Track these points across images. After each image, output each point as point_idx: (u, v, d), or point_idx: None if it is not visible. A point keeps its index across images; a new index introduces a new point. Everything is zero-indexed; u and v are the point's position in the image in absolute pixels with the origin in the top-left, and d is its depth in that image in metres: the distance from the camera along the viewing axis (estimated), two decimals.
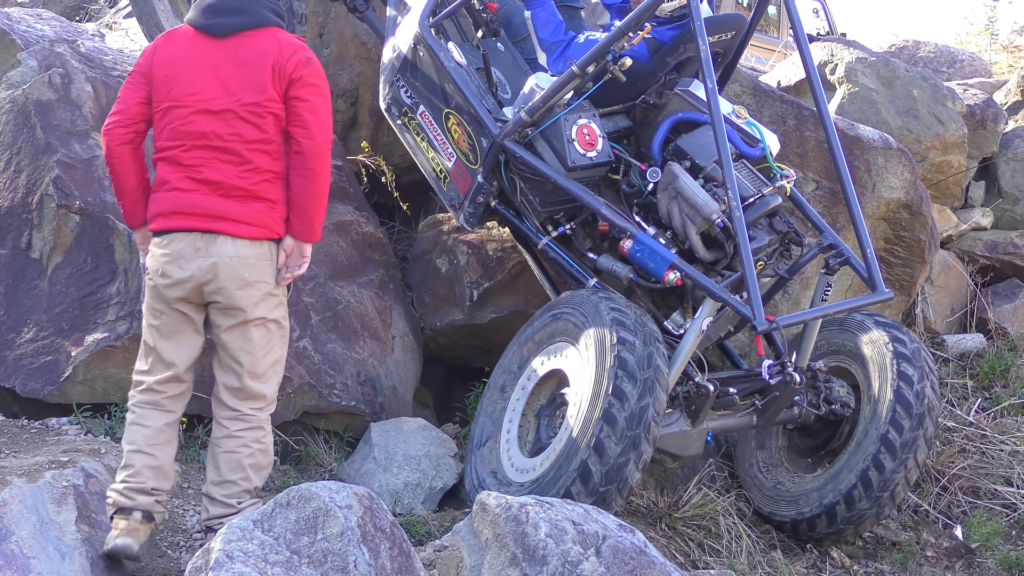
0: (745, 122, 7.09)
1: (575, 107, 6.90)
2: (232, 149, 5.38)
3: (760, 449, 7.56)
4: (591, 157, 6.89)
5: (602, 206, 6.76)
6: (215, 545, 4.56)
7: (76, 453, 5.77)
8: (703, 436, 6.66)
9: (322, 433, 7.39)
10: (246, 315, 5.44)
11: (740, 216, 6.30)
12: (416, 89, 7.46)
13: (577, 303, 6.50)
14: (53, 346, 6.66)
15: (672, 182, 6.72)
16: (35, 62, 7.33)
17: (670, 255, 6.56)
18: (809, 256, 6.94)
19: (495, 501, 5.18)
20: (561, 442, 6.20)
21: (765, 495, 7.37)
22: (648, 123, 7.31)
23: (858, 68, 9.96)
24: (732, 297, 6.40)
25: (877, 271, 6.80)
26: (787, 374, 6.76)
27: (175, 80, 5.42)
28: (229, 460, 5.50)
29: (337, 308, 7.51)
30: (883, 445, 6.86)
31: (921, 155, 9.68)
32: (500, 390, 6.78)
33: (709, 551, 6.84)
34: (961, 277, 10.05)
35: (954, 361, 9.36)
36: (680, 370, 6.45)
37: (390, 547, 4.84)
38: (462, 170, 7.26)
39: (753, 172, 6.88)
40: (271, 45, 5.46)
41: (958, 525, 7.67)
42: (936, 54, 13.56)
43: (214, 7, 5.48)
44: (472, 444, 6.73)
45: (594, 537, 5.11)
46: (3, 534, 5.00)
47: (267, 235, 5.44)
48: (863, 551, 7.20)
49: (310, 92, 5.47)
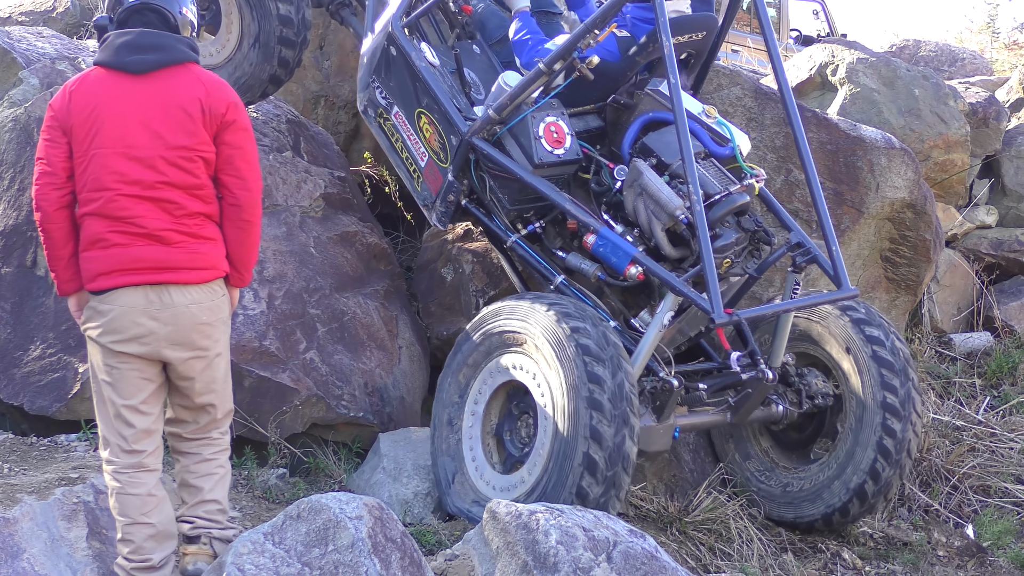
0: (715, 121, 7.10)
1: (543, 105, 6.92)
2: (163, 196, 5.05)
3: (747, 460, 7.57)
4: (558, 155, 6.91)
5: (567, 202, 6.80)
6: (227, 558, 4.57)
7: (85, 469, 5.77)
8: (670, 432, 6.65)
9: (331, 444, 7.39)
10: (210, 353, 5.23)
11: (700, 210, 6.27)
12: (390, 89, 7.48)
13: (510, 312, 6.53)
14: (60, 363, 6.66)
15: (637, 179, 6.73)
16: (37, 80, 7.35)
17: (632, 249, 6.59)
18: (778, 255, 6.90)
19: (505, 509, 5.18)
20: (545, 445, 6.21)
21: (781, 502, 7.35)
22: (620, 123, 7.32)
23: (859, 69, 9.97)
24: (691, 290, 6.39)
25: (843, 268, 6.78)
26: (760, 370, 6.82)
27: (96, 127, 5.04)
28: (209, 480, 5.34)
29: (343, 319, 7.51)
30: (887, 412, 6.93)
31: (924, 154, 9.68)
32: (448, 425, 6.77)
33: (720, 555, 6.83)
34: (967, 276, 10.05)
35: (962, 360, 9.35)
36: (643, 365, 6.48)
37: (401, 557, 4.83)
38: (434, 169, 7.29)
39: (721, 170, 6.89)
40: (195, 85, 5.15)
41: (969, 524, 7.66)
42: (937, 53, 13.58)
43: (129, 45, 5.11)
44: (441, 487, 6.72)
45: (605, 543, 5.11)
46: (14, 552, 5.01)
47: (215, 276, 5.19)
48: (874, 552, 7.19)
49: (242, 138, 5.21)
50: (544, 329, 6.27)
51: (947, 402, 8.69)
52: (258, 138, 7.98)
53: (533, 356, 6.37)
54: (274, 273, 7.30)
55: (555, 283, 6.95)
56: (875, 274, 8.84)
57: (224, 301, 5.25)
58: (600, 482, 5.98)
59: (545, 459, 6.19)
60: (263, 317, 7.08)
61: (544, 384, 6.30)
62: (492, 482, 6.54)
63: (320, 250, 7.73)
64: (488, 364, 6.65)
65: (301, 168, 8.03)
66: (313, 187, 7.99)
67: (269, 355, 6.97)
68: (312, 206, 7.93)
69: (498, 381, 6.62)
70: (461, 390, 6.76)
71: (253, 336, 6.95)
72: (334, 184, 8.21)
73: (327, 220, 7.99)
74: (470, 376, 6.72)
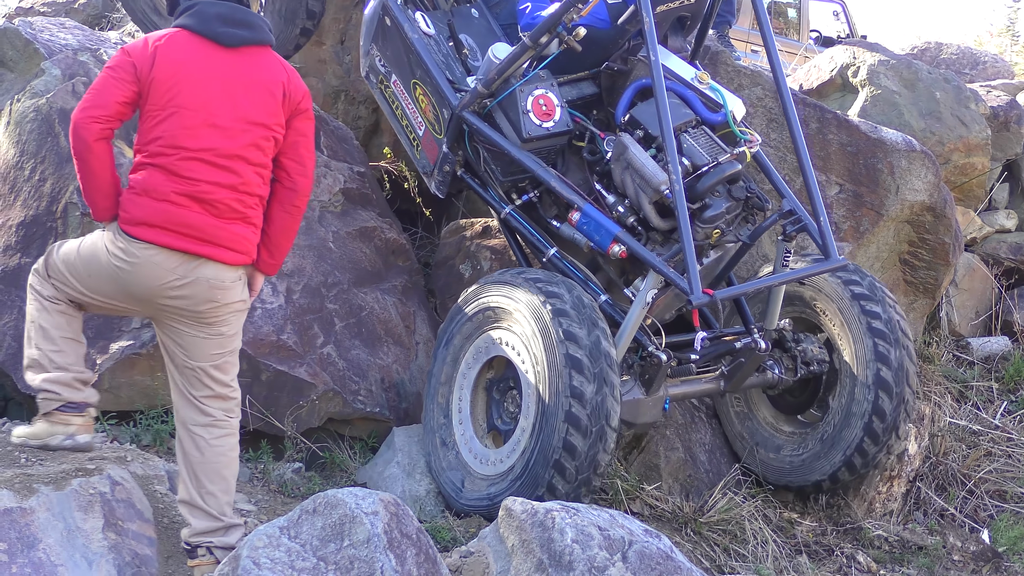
0: (708, 87, 7.09)
1: (532, 77, 6.96)
2: (232, 168, 5.14)
3: (746, 425, 7.76)
4: (547, 128, 6.96)
5: (552, 177, 6.86)
6: (242, 552, 4.57)
7: (102, 461, 5.77)
8: (659, 404, 6.72)
9: (346, 439, 7.39)
10: (213, 330, 5.27)
11: (680, 188, 6.32)
12: (388, 58, 7.55)
13: (490, 288, 6.65)
14: None
15: (622, 153, 6.78)
16: (59, 71, 7.35)
17: (614, 228, 6.68)
18: (770, 222, 6.92)
19: (521, 507, 5.17)
20: (530, 409, 6.32)
21: (779, 468, 7.55)
22: (615, 88, 7.36)
23: (880, 70, 9.95)
24: (671, 270, 6.45)
25: (831, 239, 6.82)
26: (753, 340, 6.92)
27: (180, 85, 5.09)
28: (206, 469, 5.34)
29: (361, 315, 7.51)
30: (880, 388, 7.01)
31: (944, 157, 9.66)
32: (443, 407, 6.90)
33: (735, 556, 6.82)
34: (986, 279, 10.02)
35: (979, 364, 9.33)
36: (628, 341, 6.54)
37: (416, 553, 4.83)
38: (430, 139, 7.37)
39: (712, 139, 6.89)
40: (278, 67, 5.30)
41: (985, 529, 7.64)
42: (958, 56, 13.55)
43: (223, 17, 5.21)
44: (439, 466, 6.84)
45: (620, 542, 5.10)
46: (31, 542, 5.01)
47: (246, 261, 5.27)
48: (889, 555, 7.18)
49: (309, 127, 5.38)
50: (523, 301, 6.37)
51: (964, 406, 8.66)
52: None
53: (515, 330, 6.46)
54: (293, 267, 7.31)
55: (547, 255, 7.03)
56: (894, 277, 8.82)
57: (241, 287, 5.31)
58: (586, 436, 6.06)
59: (532, 423, 6.28)
60: (281, 311, 7.08)
61: (526, 353, 6.39)
62: (482, 456, 6.69)
63: (339, 245, 7.73)
64: (475, 340, 6.77)
65: (321, 163, 8.03)
66: (332, 182, 7.99)
67: (287, 349, 6.97)
68: (331, 201, 7.93)
69: (485, 359, 6.74)
70: (451, 367, 6.87)
71: (271, 330, 6.95)
72: (353, 179, 8.22)
73: (346, 215, 7.99)
74: (459, 353, 6.85)
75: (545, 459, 6.13)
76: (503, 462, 6.50)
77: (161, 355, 5.54)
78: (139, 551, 5.32)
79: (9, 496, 5.14)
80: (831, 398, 7.32)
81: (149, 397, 6.64)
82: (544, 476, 6.13)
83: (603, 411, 6.10)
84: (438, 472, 6.80)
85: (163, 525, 5.59)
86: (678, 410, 7.72)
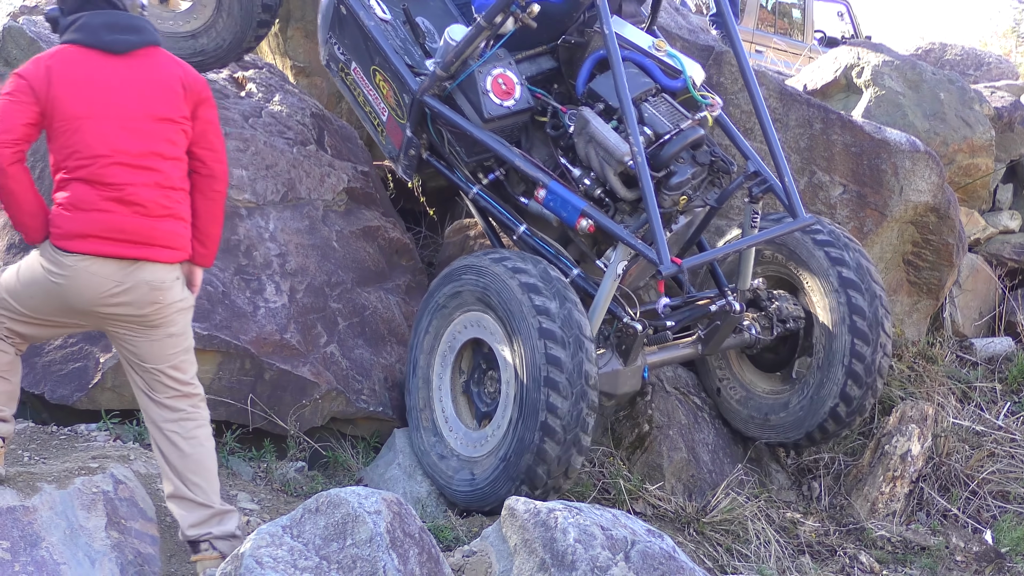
0: (665, 54, 7.11)
1: (489, 57, 6.97)
2: (151, 166, 5.18)
3: (729, 387, 7.87)
4: (508, 106, 6.98)
5: (516, 156, 6.90)
6: (245, 551, 4.57)
7: (105, 459, 5.78)
8: (638, 373, 6.79)
9: (349, 438, 7.39)
10: (162, 332, 5.28)
11: (642, 160, 6.37)
12: (346, 46, 7.59)
13: (460, 271, 6.70)
14: (82, 353, 6.67)
15: (584, 127, 6.80)
16: None
17: (580, 203, 6.71)
18: (736, 184, 6.97)
19: (523, 507, 5.18)
20: (510, 385, 6.36)
21: (764, 425, 7.68)
22: (574, 62, 7.37)
23: (885, 71, 9.95)
24: (639, 241, 6.50)
25: (797, 198, 6.89)
26: (727, 302, 7.00)
27: (82, 96, 5.14)
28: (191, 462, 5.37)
29: (364, 314, 7.51)
30: (855, 336, 7.12)
31: (948, 158, 9.66)
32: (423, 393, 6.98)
33: (737, 556, 6.82)
34: (989, 280, 10.02)
35: (983, 365, 9.32)
36: (602, 313, 6.60)
37: (419, 553, 4.83)
38: (394, 124, 7.40)
39: (673, 105, 6.92)
40: (172, 64, 5.34)
41: (987, 529, 7.63)
42: (963, 57, 13.54)
43: (109, 25, 5.22)
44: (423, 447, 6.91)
45: (623, 542, 5.10)
46: (33, 540, 5.02)
47: (182, 257, 5.31)
48: (892, 556, 7.18)
49: (213, 114, 5.41)
50: (493, 280, 6.42)
51: (967, 407, 8.66)
52: (282, 131, 7.99)
53: (487, 310, 6.53)
54: (296, 266, 7.31)
55: (518, 233, 7.10)
56: (897, 277, 8.82)
57: (179, 285, 5.33)
58: (568, 397, 6.11)
59: (512, 400, 6.32)
60: (284, 310, 7.09)
61: (499, 332, 6.45)
62: (464, 436, 6.76)
63: (342, 244, 7.74)
64: (450, 325, 6.83)
65: (325, 162, 8.03)
66: (336, 181, 7.99)
67: (290, 348, 6.97)
68: (335, 200, 7.93)
69: (462, 340, 6.79)
70: (429, 355, 6.94)
71: (274, 329, 6.95)
72: (357, 178, 8.22)
73: (350, 214, 8.00)
74: (435, 340, 6.92)
75: (532, 423, 6.16)
76: (488, 441, 6.55)
77: None
78: (142, 550, 5.33)
79: (12, 494, 5.15)
80: (810, 352, 7.42)
81: None
82: (532, 440, 6.15)
83: (580, 373, 6.14)
84: (421, 454, 6.91)
85: (166, 524, 5.59)
86: (681, 410, 7.72)
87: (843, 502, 7.60)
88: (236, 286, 6.97)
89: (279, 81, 8.70)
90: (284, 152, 7.81)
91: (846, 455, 8.01)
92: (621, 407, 7.79)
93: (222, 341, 6.69)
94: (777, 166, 6.85)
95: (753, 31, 16.86)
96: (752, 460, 7.83)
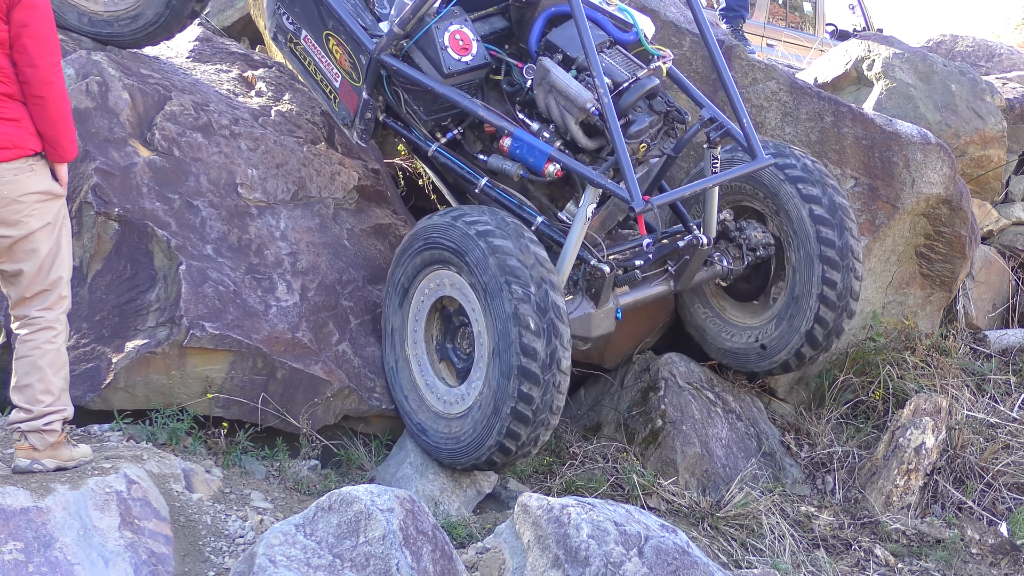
0: (616, 8, 7.25)
1: (445, 14, 7.06)
2: None
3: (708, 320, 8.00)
4: (466, 62, 7.10)
5: (479, 108, 6.99)
6: (258, 549, 4.58)
7: (118, 459, 5.78)
8: (611, 315, 6.93)
9: (361, 436, 7.39)
10: (20, 231, 5.41)
11: (609, 102, 6.47)
12: (296, 14, 7.63)
13: (423, 232, 6.82)
14: (94, 353, 6.68)
15: (545, 76, 6.90)
16: (72, 70, 7.36)
17: (547, 148, 6.81)
18: (692, 132, 7.02)
19: (536, 503, 5.18)
20: (483, 336, 6.48)
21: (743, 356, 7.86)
22: (524, 20, 7.50)
23: (895, 63, 9.93)
24: (609, 182, 6.61)
25: (755, 139, 6.99)
26: (694, 236, 7.09)
27: None
28: (23, 364, 5.51)
29: (376, 312, 7.51)
30: (824, 263, 7.27)
31: (960, 150, 9.63)
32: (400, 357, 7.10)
33: (752, 551, 6.82)
34: (1003, 272, 9.99)
35: (996, 356, 9.30)
36: (572, 257, 6.70)
37: (432, 550, 4.83)
38: (348, 89, 7.44)
39: (628, 57, 7.06)
40: None
41: (1003, 522, 7.62)
42: (974, 48, 13.49)
43: None
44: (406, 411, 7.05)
45: (636, 538, 5.10)
46: (47, 541, 5.02)
47: (20, 154, 5.37)
48: (907, 549, 7.17)
49: (29, 16, 5.30)
50: (454, 234, 6.53)
51: (981, 399, 8.63)
52: (292, 130, 7.99)
53: (450, 268, 6.66)
54: (307, 265, 7.31)
55: (479, 186, 7.17)
56: (910, 270, 8.80)
57: (32, 178, 5.41)
58: (541, 335, 6.20)
59: (488, 348, 6.42)
60: (296, 309, 7.09)
61: (464, 285, 6.59)
62: (443, 395, 6.89)
63: (353, 242, 7.73)
64: (420, 283, 6.95)
65: (335, 160, 8.03)
66: (347, 179, 7.98)
67: (302, 347, 6.97)
68: (346, 198, 7.93)
69: (431, 300, 6.91)
70: (402, 317, 7.07)
71: (286, 328, 6.96)
72: (368, 176, 8.21)
73: (361, 212, 7.99)
74: (406, 299, 7.04)
75: (508, 370, 6.25)
76: (468, 396, 6.65)
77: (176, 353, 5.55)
78: (155, 549, 5.33)
79: (25, 495, 5.16)
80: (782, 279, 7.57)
81: (165, 396, 6.65)
82: (512, 388, 6.24)
83: (548, 304, 6.22)
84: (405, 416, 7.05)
85: (179, 523, 5.60)
86: (694, 405, 7.72)
87: (857, 495, 7.59)
88: (247, 285, 6.97)
89: (288, 80, 8.70)
90: (294, 151, 7.81)
91: (860, 448, 8.00)
92: (634, 404, 7.80)
93: (234, 340, 6.69)
94: (735, 110, 6.97)
95: (764, 25, 16.84)
96: (766, 454, 7.82)
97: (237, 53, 9.07)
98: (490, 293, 6.30)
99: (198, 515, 5.68)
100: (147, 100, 7.43)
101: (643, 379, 7.99)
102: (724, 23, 11.52)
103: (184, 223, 6.99)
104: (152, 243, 6.86)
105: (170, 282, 6.76)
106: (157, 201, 6.99)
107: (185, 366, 6.64)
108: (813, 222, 7.23)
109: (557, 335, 6.23)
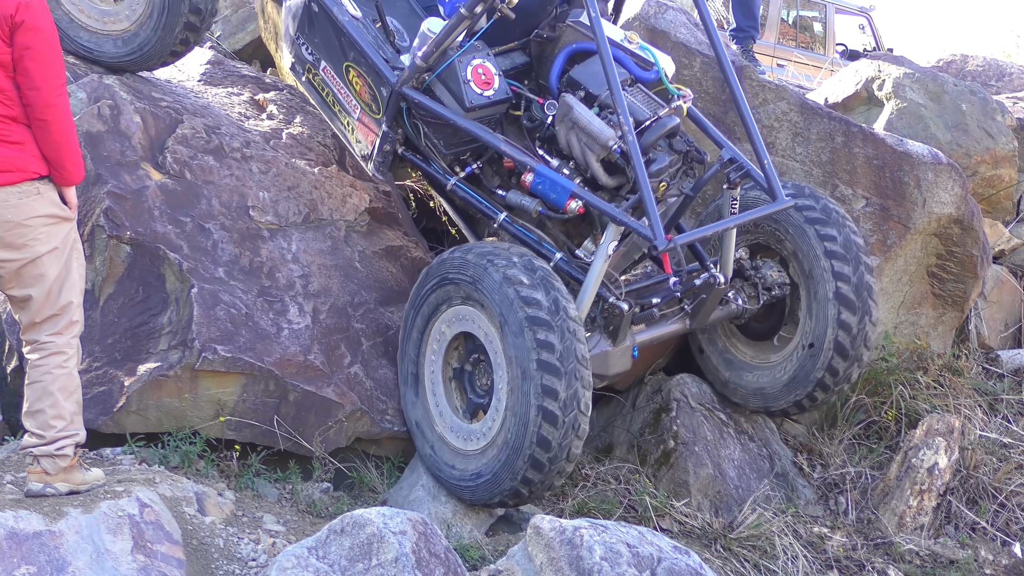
0: (638, 46, 7.25)
1: (468, 48, 7.04)
2: None
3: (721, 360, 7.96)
4: (488, 96, 7.07)
5: (501, 143, 6.98)
6: (271, 573, 4.58)
7: (131, 483, 5.79)
8: (628, 353, 6.94)
9: (373, 459, 7.39)
10: (27, 255, 5.42)
11: (633, 140, 6.48)
12: (316, 45, 7.61)
13: (447, 268, 6.75)
14: (106, 376, 6.69)
15: (567, 113, 6.90)
16: (84, 94, 7.39)
17: (570, 184, 6.80)
18: (711, 172, 7.04)
19: (549, 525, 5.17)
20: (503, 379, 6.43)
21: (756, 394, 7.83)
22: (545, 56, 7.48)
23: (906, 83, 9.93)
24: (632, 220, 6.60)
25: (776, 180, 7.01)
26: (711, 275, 7.08)
27: None
28: (35, 390, 5.51)
29: (388, 334, 7.51)
30: (841, 303, 7.22)
31: (971, 169, 9.63)
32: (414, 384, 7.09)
33: (765, 572, 6.80)
34: (1015, 291, 9.98)
35: (1009, 376, 9.27)
36: (592, 295, 6.69)
37: (445, 572, 4.83)
38: (367, 120, 7.43)
39: (648, 95, 7.04)
40: None
41: (1017, 542, 7.59)
42: (984, 68, 13.49)
43: None
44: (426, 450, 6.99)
45: (649, 559, 5.09)
46: (60, 565, 5.02)
47: (24, 177, 5.38)
48: (921, 569, 7.15)
49: (32, 39, 5.30)
50: (476, 272, 6.49)
51: (994, 419, 8.61)
52: (303, 152, 8.01)
53: (472, 305, 6.63)
54: (319, 287, 7.32)
55: (498, 221, 7.16)
56: (921, 290, 8.79)
57: (38, 201, 5.41)
58: (562, 376, 6.17)
59: (506, 393, 6.38)
60: (308, 331, 7.09)
61: (486, 324, 6.55)
62: (461, 431, 6.85)
63: (365, 264, 7.74)
64: (435, 324, 6.93)
65: (347, 182, 8.04)
66: (358, 201, 8.00)
67: (314, 369, 6.98)
68: (357, 220, 7.94)
69: (449, 336, 6.88)
70: (417, 353, 7.05)
71: (298, 350, 6.96)
72: (379, 198, 8.23)
73: (372, 234, 8.00)
74: (422, 328, 7.01)
75: (527, 407, 6.21)
76: (486, 433, 6.61)
77: (188, 376, 5.56)
78: (168, 573, 5.33)
79: (38, 519, 5.16)
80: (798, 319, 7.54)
81: (177, 419, 6.65)
82: (532, 429, 6.21)
83: (571, 351, 6.19)
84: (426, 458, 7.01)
85: (192, 547, 5.60)
86: (707, 425, 7.71)
87: (870, 516, 7.57)
88: (259, 308, 6.98)
89: (299, 103, 8.73)
90: (306, 173, 7.83)
91: (873, 469, 7.98)
92: (646, 425, 7.80)
93: (246, 363, 6.70)
94: (756, 151, 6.99)
95: (774, 45, 16.88)
96: (778, 475, 7.80)
97: (248, 76, 9.10)
98: (513, 336, 6.27)
99: (210, 538, 5.68)
100: (159, 123, 7.45)
101: (655, 400, 7.98)
102: (734, 43, 11.52)
103: (196, 246, 7.00)
104: (164, 266, 6.87)
105: (182, 305, 6.78)
106: (169, 224, 7.01)
107: (197, 389, 6.65)
108: (828, 257, 7.23)
109: (578, 376, 6.21)
